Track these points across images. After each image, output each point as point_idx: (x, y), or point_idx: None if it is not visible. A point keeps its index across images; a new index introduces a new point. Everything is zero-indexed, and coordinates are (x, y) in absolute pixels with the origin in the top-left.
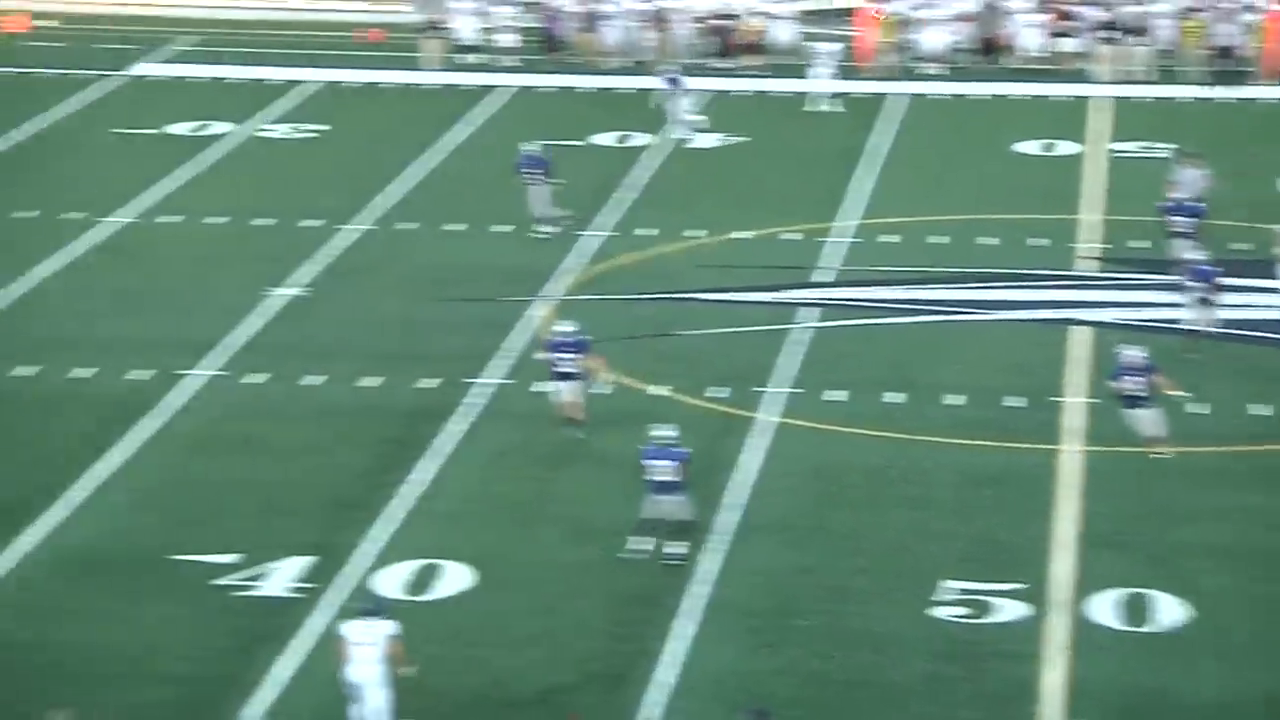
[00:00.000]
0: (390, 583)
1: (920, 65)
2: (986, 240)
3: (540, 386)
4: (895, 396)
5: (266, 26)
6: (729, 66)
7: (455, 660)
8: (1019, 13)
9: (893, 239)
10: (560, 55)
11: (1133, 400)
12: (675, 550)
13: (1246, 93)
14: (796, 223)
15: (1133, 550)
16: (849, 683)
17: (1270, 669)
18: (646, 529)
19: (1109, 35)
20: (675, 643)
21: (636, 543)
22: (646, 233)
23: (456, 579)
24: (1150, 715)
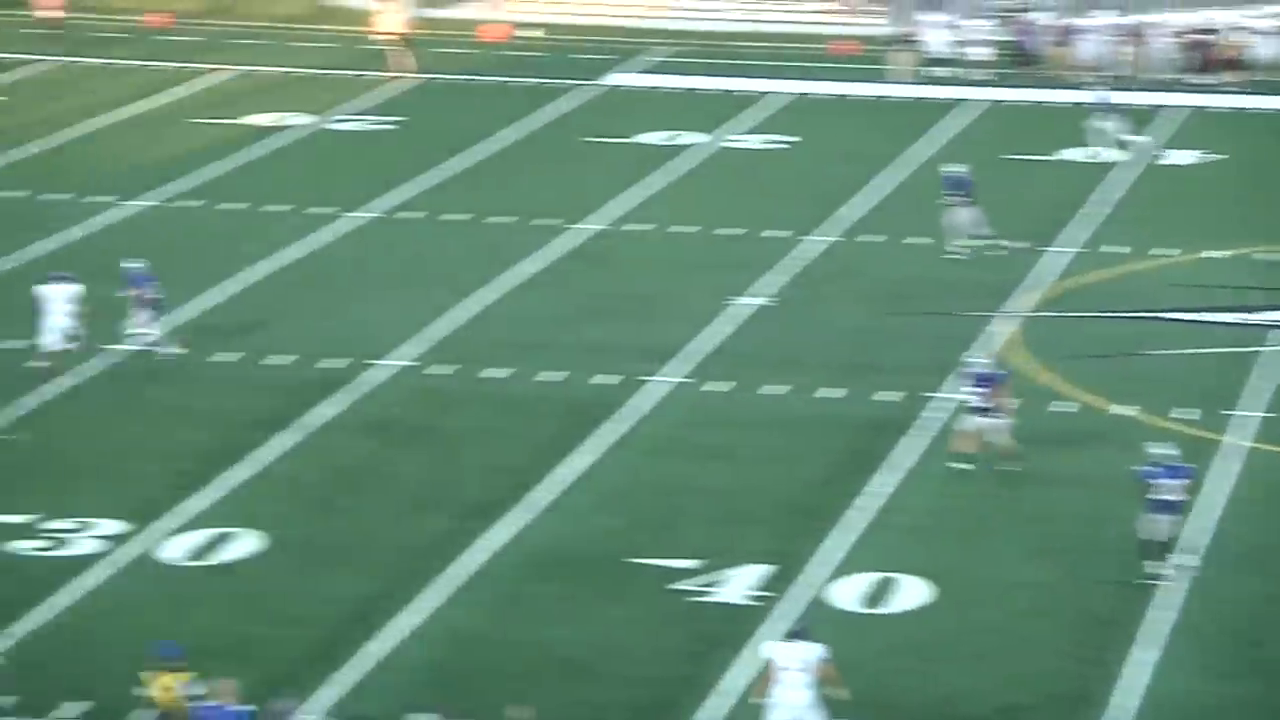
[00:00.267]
0: (846, 594)
1: None
2: None
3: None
4: None
5: (739, 38)
6: (1208, 82)
7: (911, 675)
8: None
9: None
10: (1033, 69)
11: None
12: (1162, 569)
13: None
14: (1275, 244)
15: None
16: None
17: None
18: (1154, 551)
19: None
20: (1135, 667)
21: (1152, 566)
22: (1116, 250)
23: (914, 593)
24: None
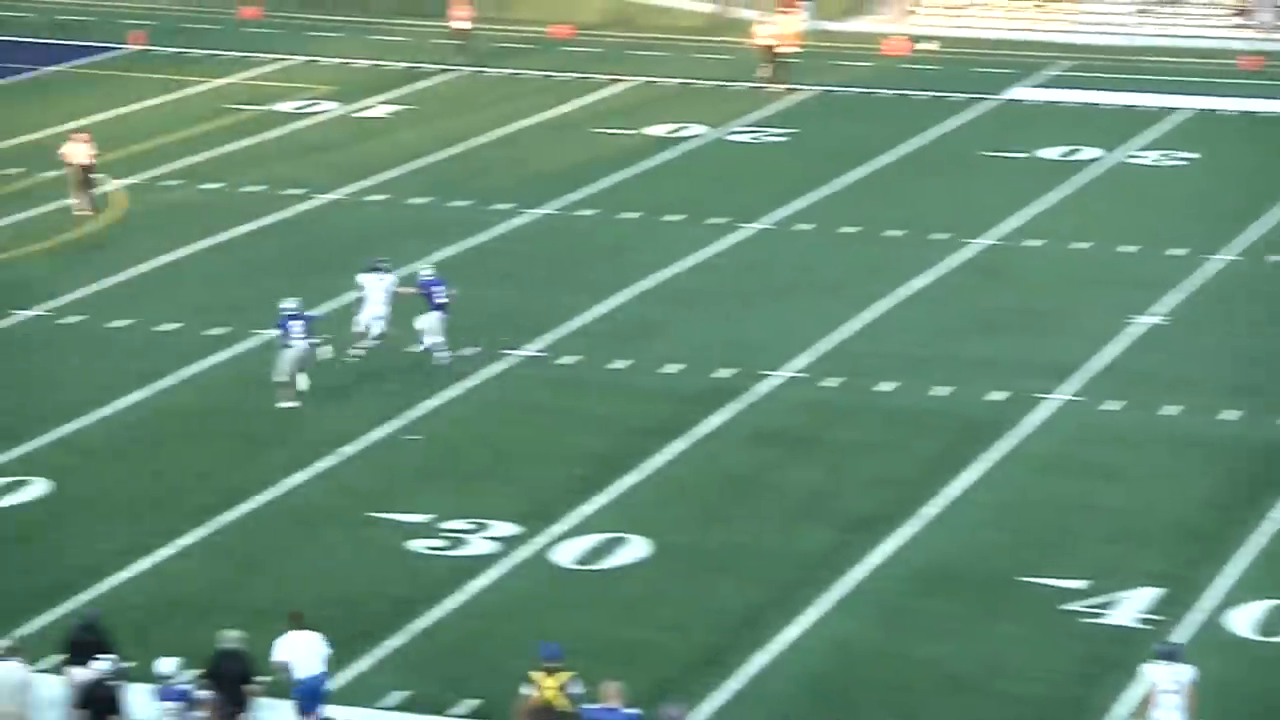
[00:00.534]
0: (1242, 621)
1: None
2: None
3: None
4: None
5: (1141, 53)
6: None
7: None
8: None
9: None
10: None
11: None
12: None
13: None
14: None
15: None
16: None
17: None
18: None
19: None
20: None
21: None
22: None
23: None
24: None
